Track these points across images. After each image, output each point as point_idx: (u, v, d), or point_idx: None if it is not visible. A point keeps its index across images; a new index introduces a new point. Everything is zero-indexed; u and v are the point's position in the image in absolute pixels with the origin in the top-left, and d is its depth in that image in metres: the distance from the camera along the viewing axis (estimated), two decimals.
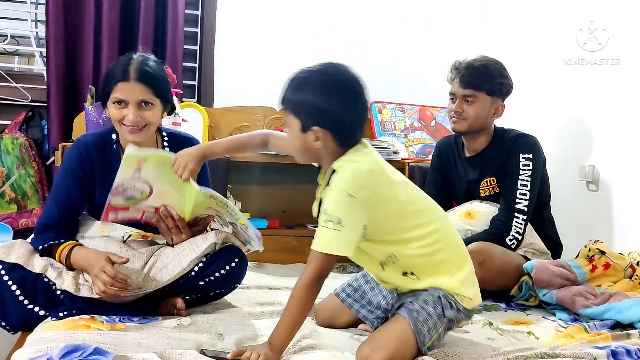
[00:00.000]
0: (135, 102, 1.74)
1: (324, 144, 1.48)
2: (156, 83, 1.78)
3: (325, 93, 1.46)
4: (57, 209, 1.81)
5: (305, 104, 1.47)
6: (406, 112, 3.28)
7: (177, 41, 2.93)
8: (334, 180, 1.46)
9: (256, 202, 3.02)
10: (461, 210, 2.31)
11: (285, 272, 2.53)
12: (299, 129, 1.49)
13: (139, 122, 1.75)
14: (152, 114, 1.77)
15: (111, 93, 1.75)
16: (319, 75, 1.49)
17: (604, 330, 1.76)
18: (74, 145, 1.87)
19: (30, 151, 2.75)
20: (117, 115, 1.76)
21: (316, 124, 1.46)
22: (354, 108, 1.50)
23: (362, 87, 1.50)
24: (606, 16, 2.58)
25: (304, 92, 1.48)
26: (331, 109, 1.46)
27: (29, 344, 1.44)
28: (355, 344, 1.54)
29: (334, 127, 1.47)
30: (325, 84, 1.48)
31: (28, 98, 2.86)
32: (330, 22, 3.26)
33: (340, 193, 1.42)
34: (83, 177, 1.83)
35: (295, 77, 1.52)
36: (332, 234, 1.41)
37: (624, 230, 2.48)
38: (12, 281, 1.67)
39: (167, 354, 1.36)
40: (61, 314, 1.63)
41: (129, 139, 1.77)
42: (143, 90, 1.75)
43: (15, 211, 2.67)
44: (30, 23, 2.93)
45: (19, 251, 1.73)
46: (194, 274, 1.77)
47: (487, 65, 2.26)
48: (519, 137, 2.30)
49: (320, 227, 1.43)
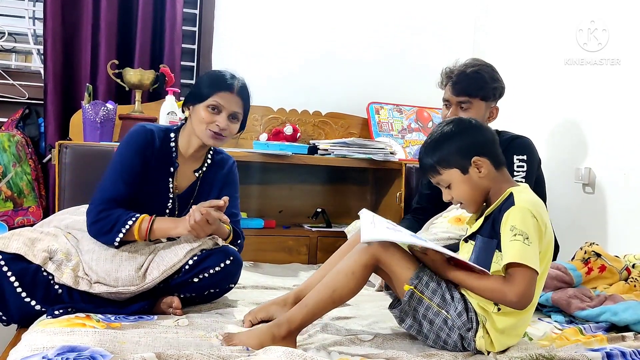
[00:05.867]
0: (229, 112, 1.89)
1: (486, 170, 1.58)
2: (248, 102, 1.96)
3: (456, 132, 1.61)
4: (124, 185, 1.85)
5: (450, 150, 1.59)
6: (403, 113, 3.28)
7: (175, 40, 2.93)
8: (517, 200, 1.52)
9: (253, 201, 3.03)
10: (450, 216, 2.31)
11: (282, 272, 2.53)
12: (460, 174, 1.59)
13: (225, 131, 1.89)
14: (235, 127, 1.94)
15: (209, 97, 1.87)
16: (439, 130, 1.63)
17: (599, 333, 1.77)
18: (140, 128, 1.93)
19: (27, 149, 2.75)
20: (208, 119, 1.88)
21: (471, 156, 1.57)
22: (482, 127, 1.65)
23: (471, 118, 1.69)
24: (606, 16, 2.58)
25: (440, 146, 1.60)
26: (471, 136, 1.60)
27: (25, 342, 1.44)
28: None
29: (483, 148, 1.59)
30: (449, 128, 1.62)
31: (25, 95, 2.85)
32: (328, 23, 3.27)
33: (525, 212, 1.49)
34: (144, 160, 1.89)
35: (423, 149, 1.65)
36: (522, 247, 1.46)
37: (619, 233, 2.49)
38: (11, 272, 1.68)
39: (166, 354, 1.35)
40: (57, 312, 1.63)
41: (209, 143, 1.91)
42: (239, 104, 1.92)
43: (11, 209, 2.66)
44: (28, 20, 2.93)
45: (20, 240, 1.74)
46: (188, 267, 1.79)
47: (479, 71, 2.25)
48: (513, 138, 2.31)
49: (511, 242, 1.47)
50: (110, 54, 2.81)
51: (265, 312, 1.71)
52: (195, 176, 2.00)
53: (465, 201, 1.62)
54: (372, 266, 1.55)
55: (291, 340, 1.49)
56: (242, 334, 1.51)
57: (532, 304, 1.53)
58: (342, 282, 1.52)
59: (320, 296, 1.52)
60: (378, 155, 2.86)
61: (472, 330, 1.52)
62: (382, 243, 1.54)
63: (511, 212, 1.50)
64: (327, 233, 2.89)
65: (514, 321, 1.54)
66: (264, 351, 1.41)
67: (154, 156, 1.91)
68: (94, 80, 2.81)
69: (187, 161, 1.98)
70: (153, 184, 1.92)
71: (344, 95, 3.27)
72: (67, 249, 1.79)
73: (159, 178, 1.93)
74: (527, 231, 1.46)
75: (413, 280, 1.52)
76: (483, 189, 1.60)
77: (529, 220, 1.48)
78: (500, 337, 1.54)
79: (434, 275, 1.53)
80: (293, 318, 1.51)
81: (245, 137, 3.02)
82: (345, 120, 3.22)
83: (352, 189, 3.26)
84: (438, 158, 1.60)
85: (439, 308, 1.52)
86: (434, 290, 1.52)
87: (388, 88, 3.32)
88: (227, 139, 1.94)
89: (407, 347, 1.57)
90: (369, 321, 1.78)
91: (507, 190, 1.57)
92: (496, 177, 1.60)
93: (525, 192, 1.58)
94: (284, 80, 3.17)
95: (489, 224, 1.57)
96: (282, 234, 2.86)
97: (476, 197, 1.61)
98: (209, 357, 1.37)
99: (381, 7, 3.35)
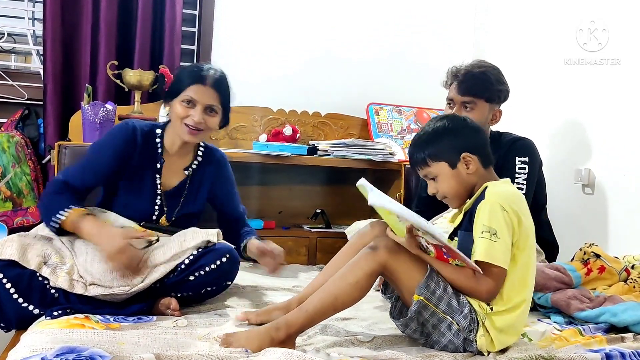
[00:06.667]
0: (204, 105, 1.86)
1: (474, 167, 1.60)
2: (225, 94, 1.92)
3: (448, 127, 1.62)
4: (85, 175, 1.88)
5: (441, 145, 1.61)
6: (403, 114, 3.28)
7: (175, 41, 2.93)
8: (487, 194, 1.54)
9: (252, 202, 3.02)
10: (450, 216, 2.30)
11: (281, 273, 2.52)
12: (449, 168, 1.61)
13: (201, 125, 1.86)
14: (213, 121, 1.90)
15: (182, 91, 1.86)
16: (430, 125, 1.65)
17: (598, 334, 1.76)
18: (124, 124, 1.95)
19: (26, 149, 2.75)
20: (182, 113, 1.86)
21: (461, 152, 1.59)
22: (474, 127, 1.66)
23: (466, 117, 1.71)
24: (606, 16, 2.58)
25: (432, 140, 1.62)
26: (465, 134, 1.62)
27: (24, 343, 1.43)
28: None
29: (474, 145, 1.61)
30: (441, 123, 1.63)
31: (24, 96, 2.85)
32: (327, 23, 3.27)
33: (493, 205, 1.51)
34: (122, 156, 1.89)
35: (414, 141, 1.66)
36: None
37: (619, 234, 2.49)
38: (6, 279, 1.67)
39: (165, 354, 1.35)
40: (55, 313, 1.63)
41: (186, 139, 1.89)
42: (214, 97, 1.88)
43: (10, 209, 2.66)
44: (28, 21, 2.93)
45: (13, 246, 1.73)
46: (184, 266, 1.78)
47: (486, 72, 2.25)
48: (515, 140, 2.31)
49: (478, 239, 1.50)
50: (110, 54, 2.81)
51: (267, 316, 1.69)
52: (185, 174, 2.00)
53: (449, 195, 1.64)
54: (377, 274, 1.55)
55: (290, 344, 1.48)
56: (240, 336, 1.49)
57: (526, 296, 1.57)
58: (345, 290, 1.51)
59: (321, 302, 1.51)
60: (377, 156, 2.86)
61: (474, 331, 1.52)
62: (390, 249, 1.53)
63: (480, 207, 1.53)
64: (326, 234, 2.89)
65: (510, 320, 1.54)
66: (263, 352, 1.40)
67: (136, 152, 1.91)
68: (94, 81, 2.81)
69: (174, 158, 1.98)
70: (138, 180, 1.91)
71: (343, 96, 3.26)
72: (61, 252, 1.78)
73: (144, 175, 1.93)
74: (495, 226, 1.49)
75: (422, 290, 1.50)
76: (468, 185, 1.62)
77: (498, 213, 1.50)
78: (499, 336, 1.54)
79: (440, 282, 1.52)
80: (292, 322, 1.50)
81: (245, 138, 3.02)
82: (344, 121, 3.22)
83: (351, 190, 3.20)
84: (429, 151, 1.61)
85: (444, 314, 1.51)
86: (440, 297, 1.51)
87: (388, 89, 3.32)
88: (206, 133, 1.92)
89: (407, 349, 1.57)
90: (369, 322, 1.78)
91: (484, 184, 1.58)
92: (483, 175, 1.63)
93: (500, 186, 1.60)
94: (283, 80, 3.16)
95: (467, 218, 1.59)
96: (281, 234, 2.85)
97: (460, 192, 1.63)
98: (208, 357, 1.37)
99: (381, 6, 3.35)
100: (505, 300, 1.53)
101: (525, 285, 1.58)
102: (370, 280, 1.53)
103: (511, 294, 1.54)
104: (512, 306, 1.54)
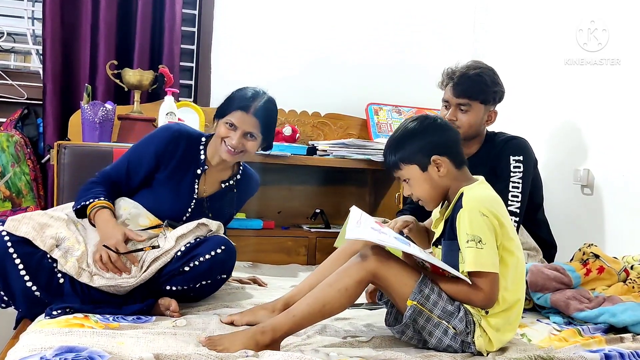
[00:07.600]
0: (243, 131, 1.93)
1: (446, 169, 1.59)
2: (267, 122, 1.97)
3: (419, 129, 1.62)
4: (122, 169, 1.99)
5: (411, 147, 1.60)
6: (402, 114, 3.28)
7: (174, 40, 2.93)
8: (464, 201, 1.53)
9: (252, 202, 3.00)
10: None
11: (280, 273, 2.53)
12: (420, 171, 1.60)
13: (238, 148, 1.94)
14: (252, 145, 1.96)
15: (227, 114, 1.94)
16: (404, 126, 1.65)
17: (597, 334, 1.77)
18: (169, 127, 2.04)
19: (26, 149, 2.75)
20: (224, 134, 1.94)
21: (431, 155, 1.58)
22: (445, 127, 1.66)
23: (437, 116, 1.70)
24: (606, 16, 2.58)
25: (403, 142, 1.62)
26: (433, 135, 1.61)
27: (23, 342, 1.44)
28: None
29: (444, 148, 1.60)
30: (413, 125, 1.63)
31: (24, 96, 2.85)
32: (327, 23, 3.27)
33: (473, 212, 1.50)
34: (159, 159, 1.98)
35: (388, 143, 1.66)
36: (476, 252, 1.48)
37: (618, 234, 2.48)
38: (17, 254, 1.71)
39: (164, 354, 1.35)
40: (55, 312, 1.64)
41: (223, 157, 1.97)
42: (254, 125, 1.94)
43: (9, 209, 2.66)
44: (27, 20, 2.93)
45: (29, 225, 1.76)
46: (180, 254, 1.80)
47: (481, 74, 2.25)
48: (509, 139, 2.31)
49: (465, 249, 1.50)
50: (110, 54, 2.81)
51: (253, 316, 1.69)
52: (222, 187, 2.06)
53: (423, 198, 1.64)
54: (367, 282, 1.55)
55: (274, 349, 1.46)
56: (224, 339, 1.47)
57: (520, 295, 1.57)
58: (334, 298, 1.50)
59: (309, 309, 1.50)
60: (377, 156, 2.86)
61: (471, 333, 1.52)
62: (379, 257, 1.53)
63: (460, 216, 1.52)
64: (326, 234, 2.89)
65: (506, 318, 1.55)
66: (262, 353, 1.40)
67: (178, 154, 1.98)
68: (93, 81, 2.81)
69: (214, 169, 2.04)
70: (177, 181, 1.98)
71: (343, 96, 3.26)
72: (75, 237, 1.82)
73: (184, 177, 1.99)
74: (479, 233, 1.49)
75: (416, 295, 1.50)
76: (442, 188, 1.62)
77: (478, 220, 1.50)
78: (496, 335, 1.54)
79: (434, 287, 1.52)
80: (279, 327, 1.49)
81: None
82: (344, 121, 3.22)
83: (351, 190, 3.25)
84: (400, 154, 1.61)
85: (439, 319, 1.52)
86: (435, 302, 1.51)
87: (387, 89, 3.32)
88: (244, 155, 1.98)
89: (406, 349, 1.57)
90: (367, 322, 1.78)
91: (460, 190, 1.57)
92: (457, 176, 1.61)
93: (475, 189, 1.58)
94: (282, 81, 3.15)
95: (449, 226, 1.58)
96: (281, 234, 2.86)
97: (434, 195, 1.63)
98: (207, 357, 1.37)
99: (380, 6, 3.35)
100: (501, 303, 1.54)
101: (518, 285, 1.58)
102: (359, 288, 1.52)
103: (505, 296, 1.54)
104: (507, 307, 1.55)
